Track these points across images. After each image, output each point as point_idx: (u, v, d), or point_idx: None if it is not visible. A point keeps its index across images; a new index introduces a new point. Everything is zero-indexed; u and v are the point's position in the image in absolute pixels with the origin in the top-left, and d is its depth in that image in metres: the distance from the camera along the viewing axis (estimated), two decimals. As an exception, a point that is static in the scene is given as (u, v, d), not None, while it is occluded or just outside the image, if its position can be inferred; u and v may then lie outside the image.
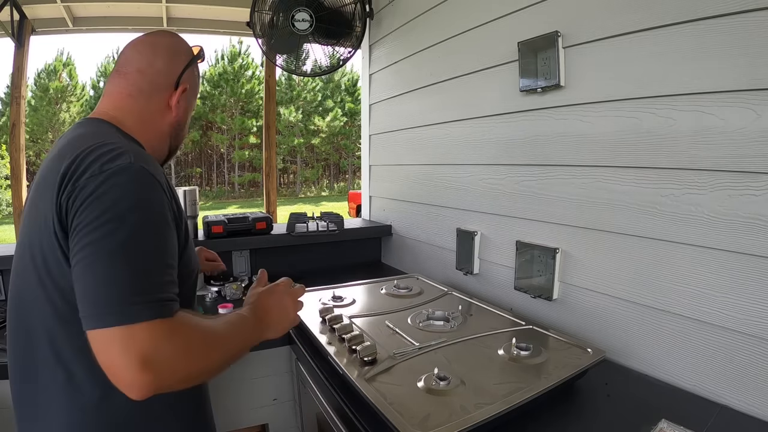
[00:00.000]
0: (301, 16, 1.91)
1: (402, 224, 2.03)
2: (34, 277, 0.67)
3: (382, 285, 1.46)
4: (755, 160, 0.80)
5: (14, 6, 3.24)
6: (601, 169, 1.08)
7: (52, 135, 20.55)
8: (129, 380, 0.55)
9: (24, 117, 3.90)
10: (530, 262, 1.28)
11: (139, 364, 0.54)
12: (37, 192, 0.71)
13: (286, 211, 2.68)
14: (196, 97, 0.95)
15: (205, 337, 0.65)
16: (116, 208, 0.60)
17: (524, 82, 1.25)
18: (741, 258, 0.83)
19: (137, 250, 0.60)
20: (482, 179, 1.48)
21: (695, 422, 0.78)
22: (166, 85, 0.84)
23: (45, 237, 0.65)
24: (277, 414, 1.39)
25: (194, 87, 0.92)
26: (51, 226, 0.64)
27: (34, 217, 0.68)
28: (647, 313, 1.00)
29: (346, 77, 26.13)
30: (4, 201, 16.51)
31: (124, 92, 0.82)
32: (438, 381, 0.83)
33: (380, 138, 2.19)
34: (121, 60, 0.84)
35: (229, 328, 0.72)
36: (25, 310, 0.71)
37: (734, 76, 0.82)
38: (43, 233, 0.65)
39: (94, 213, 0.60)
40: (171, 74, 0.85)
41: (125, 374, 0.55)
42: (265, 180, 4.59)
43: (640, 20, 0.96)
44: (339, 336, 1.01)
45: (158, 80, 0.83)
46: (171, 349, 0.58)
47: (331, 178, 28.30)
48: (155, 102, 0.84)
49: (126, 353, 0.55)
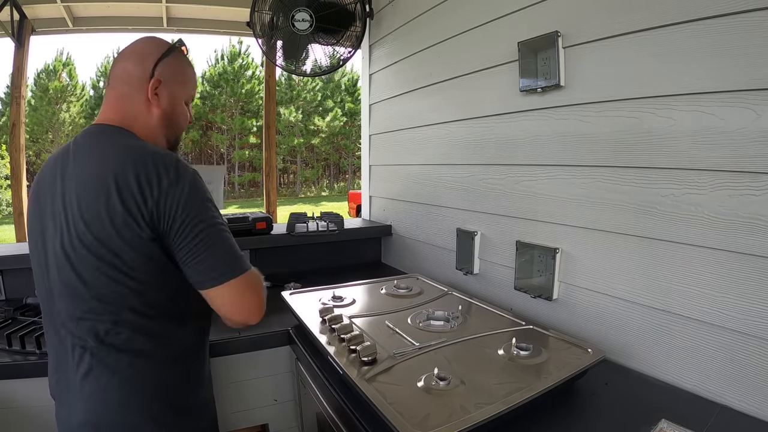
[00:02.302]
0: (301, 16, 1.91)
1: (402, 224, 2.03)
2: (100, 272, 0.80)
3: (382, 285, 1.46)
4: (755, 160, 0.80)
5: (14, 6, 3.24)
6: (601, 169, 1.08)
7: (52, 135, 20.55)
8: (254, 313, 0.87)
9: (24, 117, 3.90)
10: (530, 262, 1.28)
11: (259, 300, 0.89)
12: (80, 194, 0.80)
13: (286, 211, 2.68)
14: (184, 87, 0.98)
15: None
16: (206, 203, 0.84)
17: (524, 82, 1.25)
18: (741, 258, 0.83)
19: (227, 228, 0.86)
20: (482, 179, 1.48)
21: (695, 422, 0.78)
22: (141, 82, 0.91)
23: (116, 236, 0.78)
24: (277, 414, 1.38)
25: (174, 77, 0.95)
26: (130, 226, 0.77)
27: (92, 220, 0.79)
28: (647, 313, 1.00)
29: (346, 77, 26.12)
30: (4, 201, 16.50)
31: (114, 100, 0.92)
32: (438, 381, 0.83)
33: (380, 138, 2.19)
34: (109, 74, 0.96)
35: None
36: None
37: (734, 76, 0.82)
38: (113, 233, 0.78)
39: (194, 210, 0.81)
40: (144, 71, 0.91)
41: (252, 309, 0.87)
42: (265, 180, 4.59)
43: (640, 20, 0.96)
44: (339, 336, 1.01)
45: (133, 81, 0.91)
46: (262, 289, 0.91)
47: (331, 178, 28.29)
48: (137, 101, 0.91)
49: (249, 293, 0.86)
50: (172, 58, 0.95)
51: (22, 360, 1.11)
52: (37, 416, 1.10)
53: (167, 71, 0.93)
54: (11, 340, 1.17)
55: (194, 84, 1.03)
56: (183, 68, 0.98)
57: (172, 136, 0.98)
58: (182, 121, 1.00)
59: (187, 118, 1.02)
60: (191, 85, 1.01)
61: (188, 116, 1.02)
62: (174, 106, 0.96)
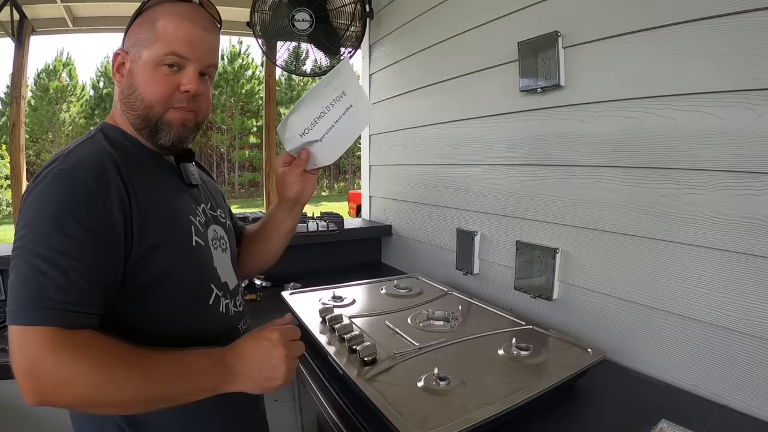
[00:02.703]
0: (301, 16, 1.91)
1: (402, 224, 2.03)
2: None
3: (382, 285, 1.46)
4: (755, 160, 0.80)
5: (14, 6, 3.24)
6: (601, 169, 1.08)
7: (52, 135, 20.55)
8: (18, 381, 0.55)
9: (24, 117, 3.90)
10: (530, 262, 1.28)
11: (23, 369, 0.54)
12: None
13: (286, 211, 2.67)
14: (151, 46, 0.71)
15: (114, 363, 0.58)
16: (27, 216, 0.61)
17: (524, 82, 1.25)
18: (741, 258, 0.83)
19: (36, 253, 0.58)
20: (482, 179, 1.47)
21: (695, 422, 0.78)
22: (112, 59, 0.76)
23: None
24: (277, 414, 1.38)
25: (138, 40, 0.72)
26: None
27: None
28: (647, 313, 1.00)
29: (346, 77, 26.11)
30: (4, 201, 16.50)
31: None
32: (438, 381, 0.83)
33: (380, 138, 2.19)
34: None
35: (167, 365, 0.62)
36: None
37: (734, 76, 0.82)
38: None
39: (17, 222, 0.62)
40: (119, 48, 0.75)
41: (17, 375, 0.55)
42: (265, 180, 4.59)
43: (640, 20, 0.96)
44: (339, 336, 1.01)
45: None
46: (53, 366, 0.55)
47: (331, 178, 28.28)
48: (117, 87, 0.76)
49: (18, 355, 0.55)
50: (141, 17, 0.73)
51: (22, 360, 1.11)
52: (37, 416, 1.10)
53: (131, 38, 0.73)
54: (11, 340, 1.17)
55: (171, 35, 0.70)
56: (151, 22, 0.71)
57: (135, 117, 0.73)
58: (147, 93, 0.71)
59: (160, 86, 0.71)
60: (164, 40, 0.70)
61: (168, 83, 0.71)
62: (132, 76, 0.72)
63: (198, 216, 0.79)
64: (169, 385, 0.62)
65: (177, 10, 0.72)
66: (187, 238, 0.74)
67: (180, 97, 0.73)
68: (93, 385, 0.56)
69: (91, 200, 0.61)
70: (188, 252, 0.74)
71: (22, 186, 3.81)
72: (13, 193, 3.88)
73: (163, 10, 0.72)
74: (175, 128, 0.74)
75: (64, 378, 0.55)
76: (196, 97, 0.75)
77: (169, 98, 0.72)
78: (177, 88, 0.72)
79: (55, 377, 0.55)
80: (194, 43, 0.72)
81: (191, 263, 0.74)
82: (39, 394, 0.55)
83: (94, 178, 0.62)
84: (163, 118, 0.73)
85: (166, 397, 0.62)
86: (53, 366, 0.55)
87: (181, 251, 0.72)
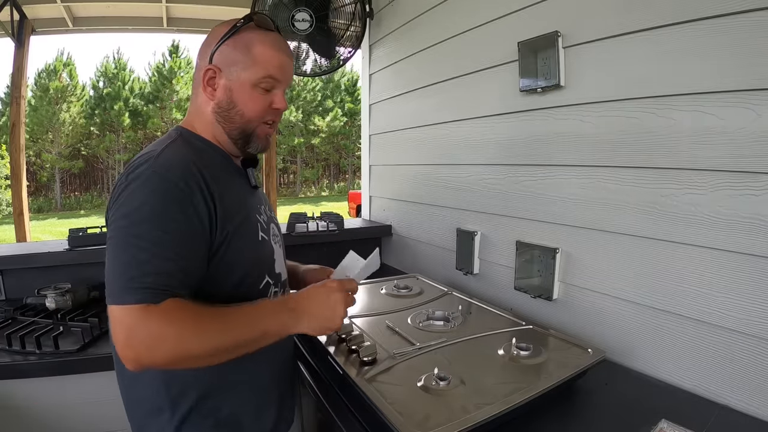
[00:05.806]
0: (301, 16, 1.91)
1: (402, 224, 2.03)
2: None
3: (382, 285, 1.46)
4: (755, 160, 0.80)
5: (14, 6, 3.24)
6: (601, 169, 1.08)
7: (52, 135, 20.55)
8: (119, 352, 0.65)
9: (24, 117, 3.90)
10: (530, 262, 1.28)
11: (121, 341, 0.65)
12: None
13: (286, 211, 2.68)
14: (247, 69, 0.82)
15: (197, 320, 0.69)
16: (124, 210, 0.70)
17: (524, 82, 1.25)
18: (741, 258, 0.83)
19: (133, 243, 0.68)
20: (482, 179, 1.47)
21: (695, 422, 0.78)
22: (201, 74, 0.85)
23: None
24: (277, 414, 1.38)
25: (233, 61, 0.82)
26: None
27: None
28: (647, 313, 1.00)
29: (346, 77, 26.10)
30: (4, 201, 16.49)
31: (191, 98, 0.89)
32: (438, 381, 0.83)
33: (380, 138, 2.19)
34: None
35: (240, 314, 0.74)
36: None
37: (734, 76, 0.82)
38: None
39: (113, 213, 0.72)
40: (204, 62, 0.84)
41: (117, 347, 0.65)
42: (265, 180, 4.59)
43: (640, 20, 0.96)
44: (339, 336, 1.01)
45: (197, 75, 0.86)
46: (146, 332, 0.65)
47: (331, 178, 28.29)
48: (200, 97, 0.86)
49: (117, 329, 0.66)
50: (232, 39, 0.83)
51: (22, 360, 1.11)
52: (37, 416, 1.10)
53: (223, 56, 0.82)
54: (11, 340, 1.17)
55: (267, 62, 0.83)
56: (247, 47, 0.82)
57: (232, 129, 0.85)
58: (246, 110, 0.83)
59: (257, 104, 0.84)
60: (261, 65, 0.82)
61: (263, 101, 0.85)
62: (231, 93, 0.83)
63: (262, 215, 0.91)
64: (244, 331, 0.72)
65: (269, 38, 0.85)
66: (254, 232, 0.86)
67: (271, 113, 0.87)
68: (180, 341, 0.66)
69: (182, 200, 0.72)
70: (255, 244, 0.85)
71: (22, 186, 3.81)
72: (13, 193, 3.87)
73: (257, 38, 0.83)
74: (262, 140, 0.88)
75: (155, 341, 0.65)
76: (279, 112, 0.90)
77: (264, 115, 0.86)
78: (270, 106, 0.86)
79: (147, 342, 0.65)
80: (284, 68, 0.86)
81: (256, 252, 0.86)
82: (136, 361, 0.65)
83: (185, 180, 0.73)
84: (255, 131, 0.87)
85: (244, 342, 0.72)
86: (146, 333, 0.65)
87: (248, 242, 0.84)
